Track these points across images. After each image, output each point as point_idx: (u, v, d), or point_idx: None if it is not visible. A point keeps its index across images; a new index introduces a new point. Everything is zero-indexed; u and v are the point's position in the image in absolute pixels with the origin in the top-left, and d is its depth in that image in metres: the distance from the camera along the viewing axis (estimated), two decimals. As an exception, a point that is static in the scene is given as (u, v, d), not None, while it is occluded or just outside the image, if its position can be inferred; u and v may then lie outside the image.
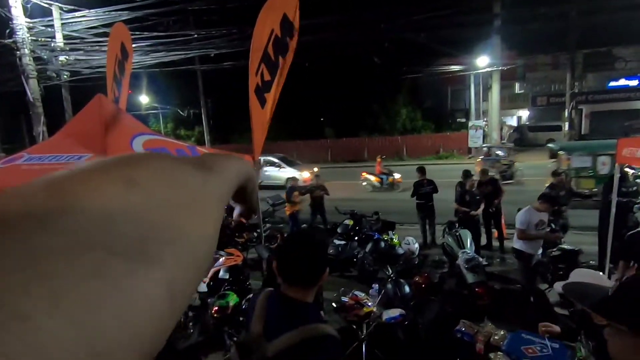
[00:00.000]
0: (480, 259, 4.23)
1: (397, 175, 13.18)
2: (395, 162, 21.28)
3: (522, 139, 24.56)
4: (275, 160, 16.04)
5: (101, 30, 10.74)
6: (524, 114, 27.69)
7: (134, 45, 10.43)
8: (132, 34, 8.75)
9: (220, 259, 4.65)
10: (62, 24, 11.06)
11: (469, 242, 4.70)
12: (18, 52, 10.06)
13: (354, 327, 3.32)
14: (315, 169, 12.05)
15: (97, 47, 11.07)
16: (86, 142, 3.76)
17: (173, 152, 4.29)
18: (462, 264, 4.16)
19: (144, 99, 27.12)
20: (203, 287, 4.24)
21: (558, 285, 2.23)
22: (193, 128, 28.59)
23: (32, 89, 10.40)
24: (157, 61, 10.91)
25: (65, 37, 11.18)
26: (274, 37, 4.97)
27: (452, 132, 24.31)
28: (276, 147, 24.75)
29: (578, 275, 2.28)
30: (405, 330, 3.11)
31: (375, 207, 7.05)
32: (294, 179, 9.04)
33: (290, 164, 16.39)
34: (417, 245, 4.73)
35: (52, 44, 10.69)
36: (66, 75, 11.28)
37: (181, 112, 26.10)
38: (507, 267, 5.38)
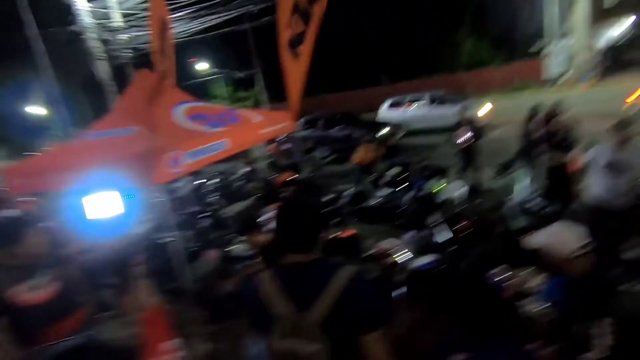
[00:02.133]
0: (537, 200, 3.88)
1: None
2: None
3: (618, 58, 20.65)
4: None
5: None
6: (628, 22, 22.84)
7: (178, 14, 10.74)
8: (173, 3, 8.97)
9: (266, 215, 4.94)
10: (117, 2, 11.70)
11: (523, 184, 4.31)
12: (84, 36, 11.03)
13: (390, 274, 3.37)
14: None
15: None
16: (134, 116, 4.14)
17: (214, 117, 4.52)
18: (516, 207, 3.87)
19: (203, 65, 28.27)
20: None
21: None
22: (250, 89, 29.29)
23: (102, 70, 11.46)
24: (202, 27, 11.13)
25: (123, 15, 11.87)
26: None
27: (526, 60, 21.32)
28: (329, 99, 24.45)
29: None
30: (442, 276, 3.08)
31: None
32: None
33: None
34: (463, 190, 4.47)
35: (112, 24, 11.48)
36: (129, 52, 12.16)
37: (238, 74, 26.76)
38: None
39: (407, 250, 3.40)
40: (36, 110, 23.16)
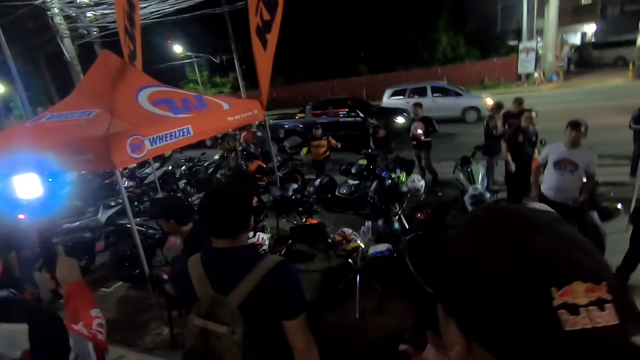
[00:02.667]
0: (487, 195, 4.10)
1: None
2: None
3: (583, 60, 21.62)
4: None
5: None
6: (590, 29, 23.97)
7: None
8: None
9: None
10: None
11: (480, 177, 4.54)
12: (49, 12, 10.46)
13: (349, 260, 3.52)
14: None
15: None
16: (96, 98, 4.02)
17: (179, 102, 4.46)
18: (467, 199, 4.08)
19: (177, 48, 27.36)
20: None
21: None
22: (227, 74, 28.64)
23: (68, 48, 10.93)
24: (175, 8, 10.77)
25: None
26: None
27: (501, 57, 21.95)
28: (308, 88, 24.35)
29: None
30: (394, 264, 3.24)
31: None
32: None
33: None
34: (422, 182, 4.66)
35: (78, 1, 10.92)
36: (95, 31, 11.63)
37: (214, 59, 26.08)
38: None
39: (365, 237, 3.55)
40: (-3, 88, 21.77)
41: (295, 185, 5.50)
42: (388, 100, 13.97)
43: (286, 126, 11.71)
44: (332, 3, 22.61)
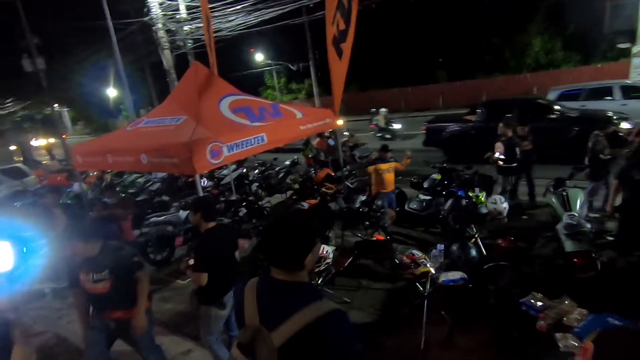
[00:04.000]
0: (588, 226, 3.51)
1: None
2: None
3: None
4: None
5: (213, -3, 11.72)
6: None
7: (239, 7, 11.16)
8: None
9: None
10: (183, -5, 12.39)
11: (578, 204, 3.91)
12: (153, 27, 11.87)
13: (417, 284, 3.28)
14: None
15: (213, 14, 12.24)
16: (184, 106, 4.38)
17: (256, 111, 4.65)
18: (562, 229, 3.54)
19: (259, 57, 29.14)
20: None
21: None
22: (303, 81, 29.61)
23: (167, 58, 12.27)
24: (259, 20, 11.44)
25: (187, 7, 12.57)
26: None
27: (607, 62, 19.17)
28: (380, 96, 23.97)
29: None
30: (468, 294, 2.93)
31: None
32: None
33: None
34: (505, 205, 4.16)
35: (177, 16, 12.22)
36: (190, 43, 12.87)
37: (291, 67, 27.18)
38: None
39: (437, 261, 3.28)
40: (112, 92, 25.50)
41: (363, 197, 5.37)
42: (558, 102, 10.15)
43: (452, 128, 9.68)
44: (410, 7, 21.98)
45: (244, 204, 6.15)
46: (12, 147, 20.90)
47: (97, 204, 5.69)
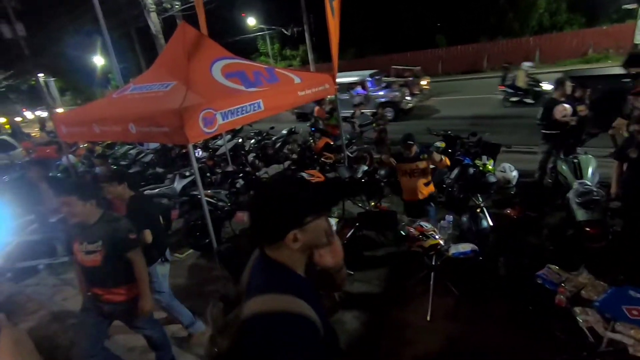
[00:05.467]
0: (602, 193, 3.36)
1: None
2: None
3: None
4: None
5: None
6: None
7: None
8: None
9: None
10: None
11: (590, 171, 3.75)
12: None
13: (424, 256, 3.16)
14: None
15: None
16: (173, 70, 4.05)
17: (250, 75, 4.34)
18: (573, 197, 3.39)
19: (251, 21, 27.81)
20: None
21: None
22: (297, 47, 28.53)
23: (154, 22, 11.57)
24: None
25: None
26: None
27: (612, 24, 18.51)
28: (379, 61, 23.16)
29: None
30: (478, 267, 2.82)
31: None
32: None
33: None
34: (515, 173, 3.98)
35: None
36: (177, 4, 12.10)
37: (285, 32, 26.05)
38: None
39: (445, 233, 3.14)
40: (99, 61, 24.47)
41: (365, 167, 5.17)
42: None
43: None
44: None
45: (241, 175, 5.95)
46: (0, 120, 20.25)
47: (88, 177, 5.47)
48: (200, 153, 7.38)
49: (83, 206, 2.24)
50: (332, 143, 6.54)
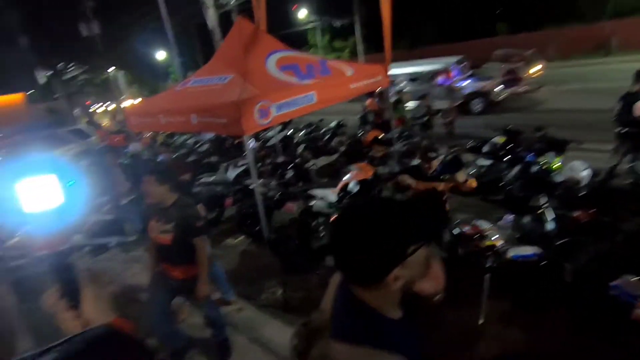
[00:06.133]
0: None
1: None
2: (596, 60, 16.09)
3: None
4: None
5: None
6: None
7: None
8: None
9: (350, 173, 4.83)
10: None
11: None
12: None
13: (480, 257, 3.02)
14: None
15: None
16: (231, 64, 4.22)
17: (303, 68, 4.39)
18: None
19: (302, 13, 27.97)
20: (333, 198, 4.57)
21: None
22: (347, 39, 28.20)
23: (210, 17, 12.09)
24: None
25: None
26: None
27: None
28: (433, 52, 22.14)
29: None
30: (541, 272, 2.63)
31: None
32: None
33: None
34: (586, 172, 3.60)
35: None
36: (233, 0, 12.52)
37: (332, 24, 25.90)
38: None
39: (504, 234, 2.97)
40: (161, 56, 26.18)
41: (416, 162, 5.01)
42: None
43: None
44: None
45: (291, 166, 6.07)
46: (77, 110, 22.48)
47: (152, 163, 5.91)
48: (254, 144, 7.64)
49: (158, 187, 2.46)
50: (381, 137, 6.42)
